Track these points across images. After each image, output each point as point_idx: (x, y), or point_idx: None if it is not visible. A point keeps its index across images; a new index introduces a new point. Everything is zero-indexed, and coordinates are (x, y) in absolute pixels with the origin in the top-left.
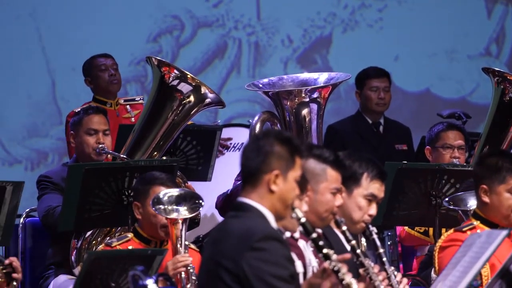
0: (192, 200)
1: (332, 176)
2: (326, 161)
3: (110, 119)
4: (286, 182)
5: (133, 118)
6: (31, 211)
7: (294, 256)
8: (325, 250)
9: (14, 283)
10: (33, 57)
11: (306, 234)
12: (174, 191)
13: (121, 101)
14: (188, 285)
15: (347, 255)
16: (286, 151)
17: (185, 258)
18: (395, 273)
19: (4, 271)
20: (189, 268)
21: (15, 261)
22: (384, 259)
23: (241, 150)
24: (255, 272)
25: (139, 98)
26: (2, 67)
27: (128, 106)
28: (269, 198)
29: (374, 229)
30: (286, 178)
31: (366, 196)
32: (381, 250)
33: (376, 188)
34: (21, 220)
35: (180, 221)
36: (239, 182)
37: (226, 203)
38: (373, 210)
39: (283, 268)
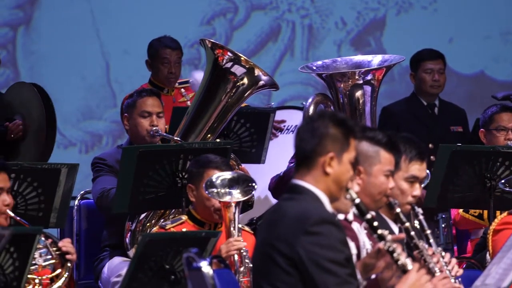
0: (245, 183)
1: (385, 158)
2: (379, 143)
3: (166, 105)
4: (340, 164)
5: (188, 102)
6: (86, 193)
7: (348, 239)
8: (380, 231)
9: (69, 265)
10: (87, 40)
11: (360, 215)
12: (227, 174)
13: (176, 85)
14: (242, 268)
15: (402, 235)
16: (341, 133)
17: (238, 241)
18: (443, 253)
19: (58, 253)
20: (242, 251)
21: (70, 243)
22: (431, 240)
23: (295, 132)
24: (310, 256)
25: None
26: (56, 50)
27: (183, 90)
28: (324, 180)
29: (419, 210)
30: (340, 160)
31: (407, 179)
32: (428, 231)
33: (416, 169)
34: (76, 202)
35: (233, 204)
36: (292, 164)
37: (279, 185)
38: (416, 191)
39: (338, 252)
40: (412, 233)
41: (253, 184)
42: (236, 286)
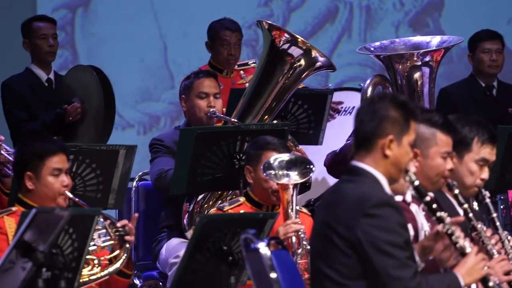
0: (303, 165)
1: (442, 140)
2: (436, 125)
3: (225, 87)
4: (400, 146)
5: (247, 84)
6: (144, 175)
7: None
8: (438, 213)
9: (127, 246)
10: (145, 21)
11: (419, 197)
12: (285, 156)
13: (235, 66)
14: (299, 250)
15: (461, 218)
16: (401, 115)
17: (296, 224)
18: (509, 237)
19: (117, 233)
20: (300, 233)
21: (128, 224)
22: (498, 223)
23: (355, 113)
24: (369, 238)
25: (252, 62)
26: (115, 32)
27: (242, 72)
28: (383, 162)
29: (487, 193)
30: (400, 142)
31: (477, 161)
32: (495, 215)
33: (487, 152)
34: (134, 183)
35: (291, 187)
36: (348, 142)
37: (335, 161)
38: (485, 174)
39: (397, 235)
40: (471, 215)
41: (311, 166)
42: (294, 268)
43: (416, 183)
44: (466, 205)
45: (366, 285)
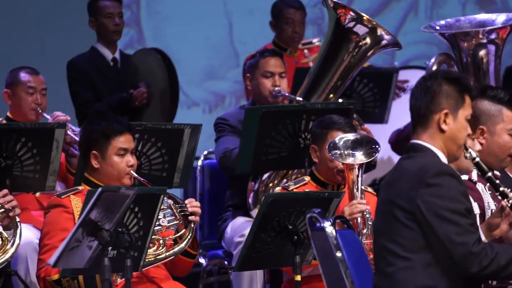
0: (368, 145)
1: (508, 117)
2: (501, 101)
3: (288, 66)
4: (456, 121)
5: (311, 63)
6: (209, 154)
7: (471, 198)
8: (501, 188)
9: (192, 226)
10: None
11: (481, 173)
12: (350, 136)
13: (299, 45)
14: (364, 230)
15: None
16: (454, 89)
17: (361, 204)
18: None
19: (182, 213)
20: (365, 213)
21: (194, 203)
22: None
23: (411, 93)
24: (430, 207)
25: (316, 40)
26: (180, 10)
27: (306, 51)
28: (440, 138)
29: None
30: (456, 116)
31: None
32: None
33: None
34: (199, 162)
35: (356, 166)
36: None
37: (399, 138)
38: None
39: (458, 202)
40: None
41: (377, 146)
42: (359, 247)
43: (477, 159)
44: None
45: (429, 257)
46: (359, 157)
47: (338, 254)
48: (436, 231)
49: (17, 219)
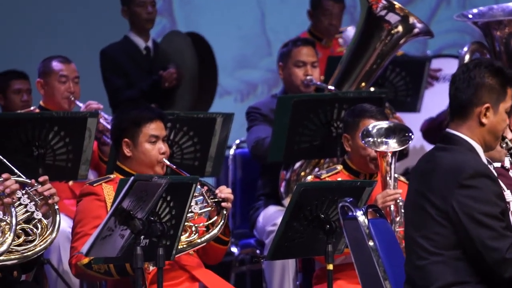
0: (401, 132)
1: None
2: None
3: (323, 56)
4: (496, 114)
5: (345, 51)
6: (241, 143)
7: (502, 185)
8: None
9: (224, 213)
10: None
11: None
12: (384, 124)
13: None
14: (397, 218)
15: None
16: (497, 83)
17: (394, 192)
18: None
19: (214, 200)
20: (398, 201)
21: (225, 190)
22: None
23: (451, 80)
24: (464, 209)
25: (351, 29)
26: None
27: (340, 40)
28: (479, 131)
29: None
30: (497, 110)
31: None
32: None
33: None
34: (231, 151)
35: (389, 154)
36: (446, 108)
37: (431, 127)
38: None
39: (493, 205)
40: None
41: (410, 134)
42: (392, 236)
43: None
44: None
45: (460, 254)
46: (392, 145)
47: (371, 243)
48: (470, 234)
49: (56, 207)
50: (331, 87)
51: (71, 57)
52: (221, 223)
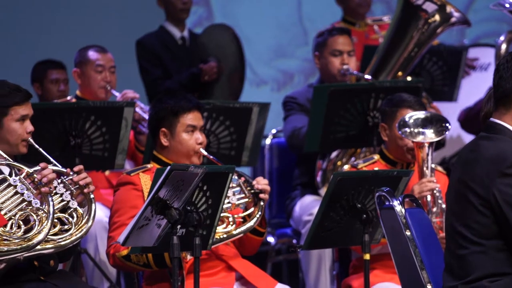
0: (438, 123)
1: None
2: None
3: (358, 40)
4: None
5: (380, 39)
6: (277, 132)
7: None
8: None
9: (261, 203)
10: None
11: None
12: (421, 114)
13: (369, 21)
14: (434, 209)
15: None
16: None
17: (431, 182)
18: None
19: (251, 191)
20: (435, 191)
21: (262, 181)
22: None
23: (495, 69)
24: (505, 198)
25: (387, 18)
26: None
27: (376, 27)
28: None
29: None
30: None
31: None
32: None
33: None
34: (268, 141)
35: (426, 145)
36: (482, 97)
37: (468, 116)
38: None
39: None
40: None
41: (447, 124)
42: (428, 226)
43: None
44: None
45: (501, 245)
46: (429, 135)
47: (407, 232)
48: (510, 222)
49: (91, 196)
50: (367, 77)
51: (107, 46)
52: (258, 215)
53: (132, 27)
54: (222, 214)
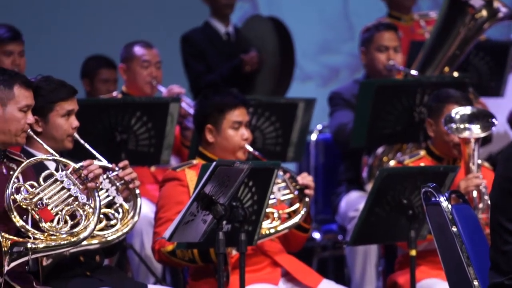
0: (485, 118)
1: None
2: None
3: (404, 35)
4: None
5: (426, 34)
6: (323, 128)
7: None
8: None
9: (307, 199)
10: None
11: None
12: (467, 110)
13: (415, 16)
14: (480, 205)
15: None
16: None
17: (477, 178)
18: None
19: (297, 187)
20: (481, 187)
21: (307, 177)
22: None
23: None
24: None
25: (433, 13)
26: None
27: (422, 22)
28: None
29: None
30: None
31: None
32: None
33: None
34: (313, 136)
35: (472, 140)
36: None
37: None
38: None
39: None
40: None
41: (493, 120)
42: (475, 222)
43: None
44: None
45: None
46: (476, 131)
47: (454, 228)
48: None
49: (137, 191)
50: (414, 72)
51: (153, 42)
52: (303, 211)
53: (177, 23)
54: (267, 210)
